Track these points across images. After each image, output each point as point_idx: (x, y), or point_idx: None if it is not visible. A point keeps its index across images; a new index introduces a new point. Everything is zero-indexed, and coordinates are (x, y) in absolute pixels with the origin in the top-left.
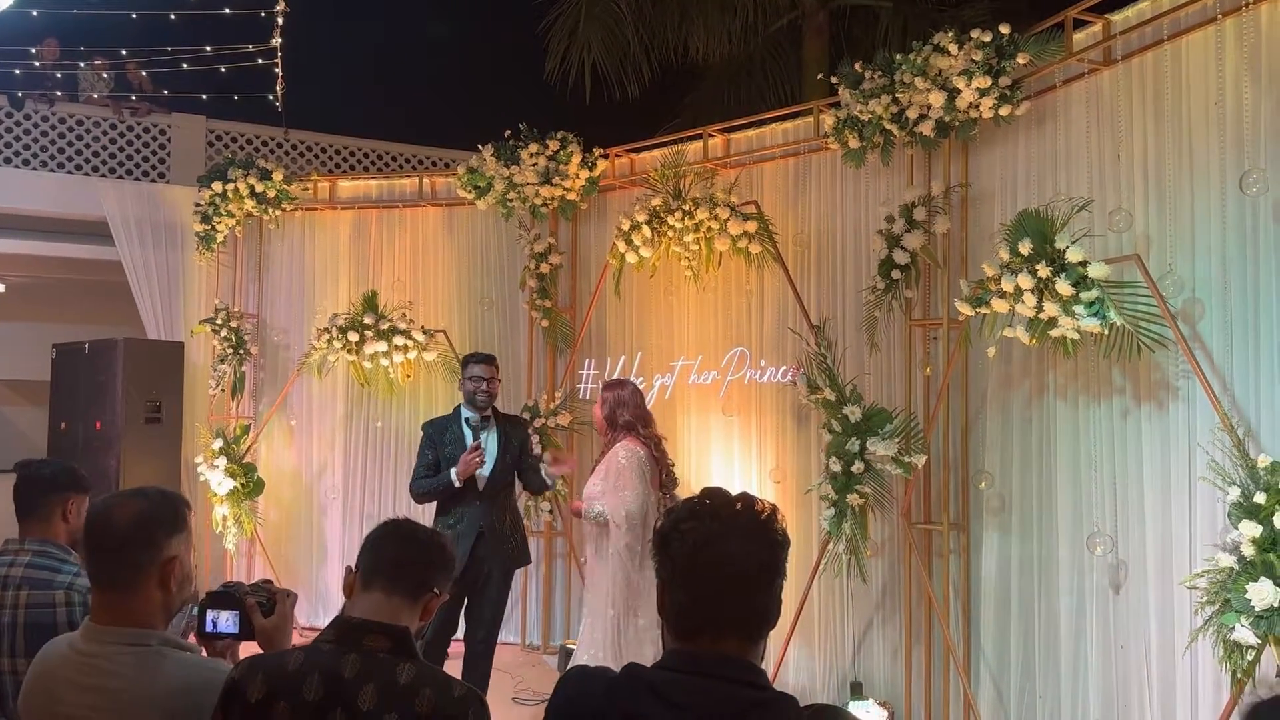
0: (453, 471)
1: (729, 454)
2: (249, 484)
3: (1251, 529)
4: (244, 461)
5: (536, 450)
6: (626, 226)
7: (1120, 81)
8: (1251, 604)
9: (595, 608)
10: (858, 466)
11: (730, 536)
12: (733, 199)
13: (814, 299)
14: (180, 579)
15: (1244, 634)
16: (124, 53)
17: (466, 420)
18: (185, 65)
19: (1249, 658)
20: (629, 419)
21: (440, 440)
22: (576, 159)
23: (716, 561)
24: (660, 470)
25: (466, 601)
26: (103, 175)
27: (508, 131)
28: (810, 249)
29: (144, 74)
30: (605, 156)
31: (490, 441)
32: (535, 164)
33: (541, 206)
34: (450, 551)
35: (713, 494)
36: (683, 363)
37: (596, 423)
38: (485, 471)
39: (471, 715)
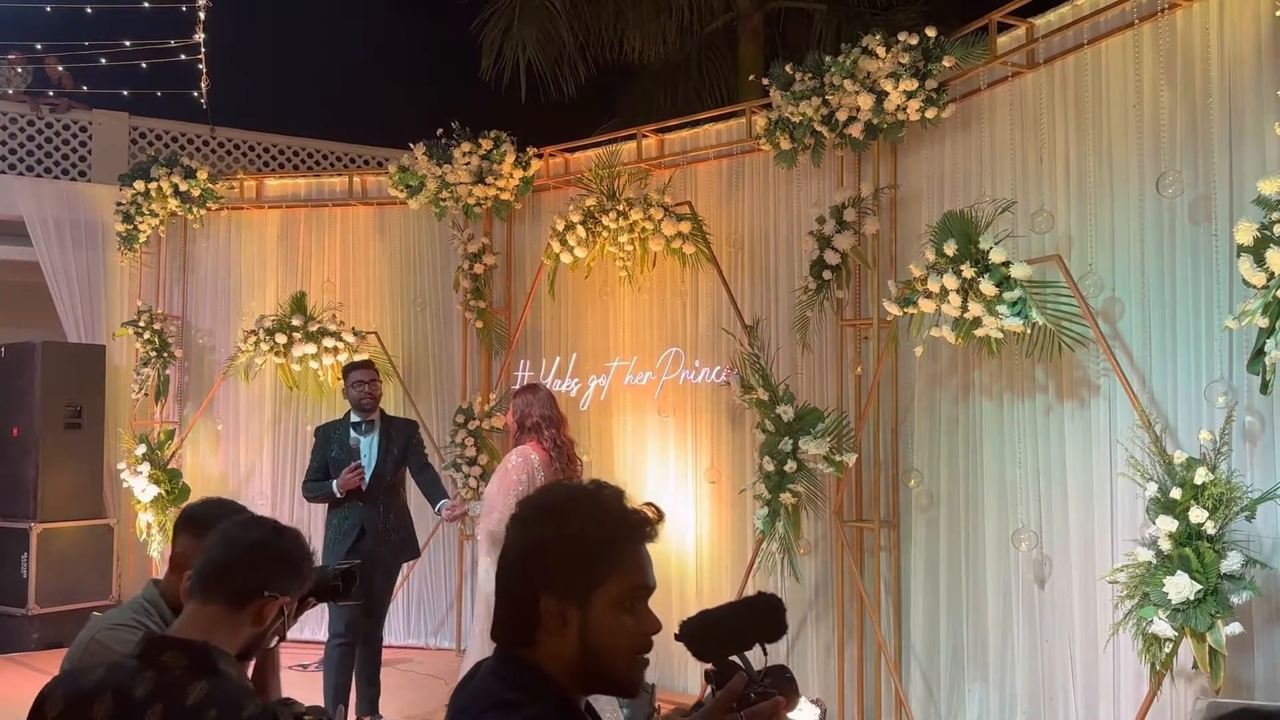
0: (334, 484)
1: (664, 454)
2: (174, 490)
3: (1168, 524)
4: (168, 467)
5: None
6: (561, 227)
7: (1042, 85)
8: (1169, 597)
9: (475, 622)
10: (790, 466)
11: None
12: (666, 199)
13: (747, 299)
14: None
15: (1162, 627)
16: (39, 47)
17: (354, 425)
18: (105, 60)
19: (1167, 650)
20: (536, 420)
21: (328, 446)
22: (510, 158)
23: None
24: (560, 475)
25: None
26: (20, 173)
27: (440, 130)
28: (743, 250)
29: (62, 69)
30: (539, 156)
31: (370, 445)
32: (468, 163)
33: (475, 206)
34: (294, 549)
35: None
36: (618, 363)
37: (509, 429)
38: (366, 473)
39: None
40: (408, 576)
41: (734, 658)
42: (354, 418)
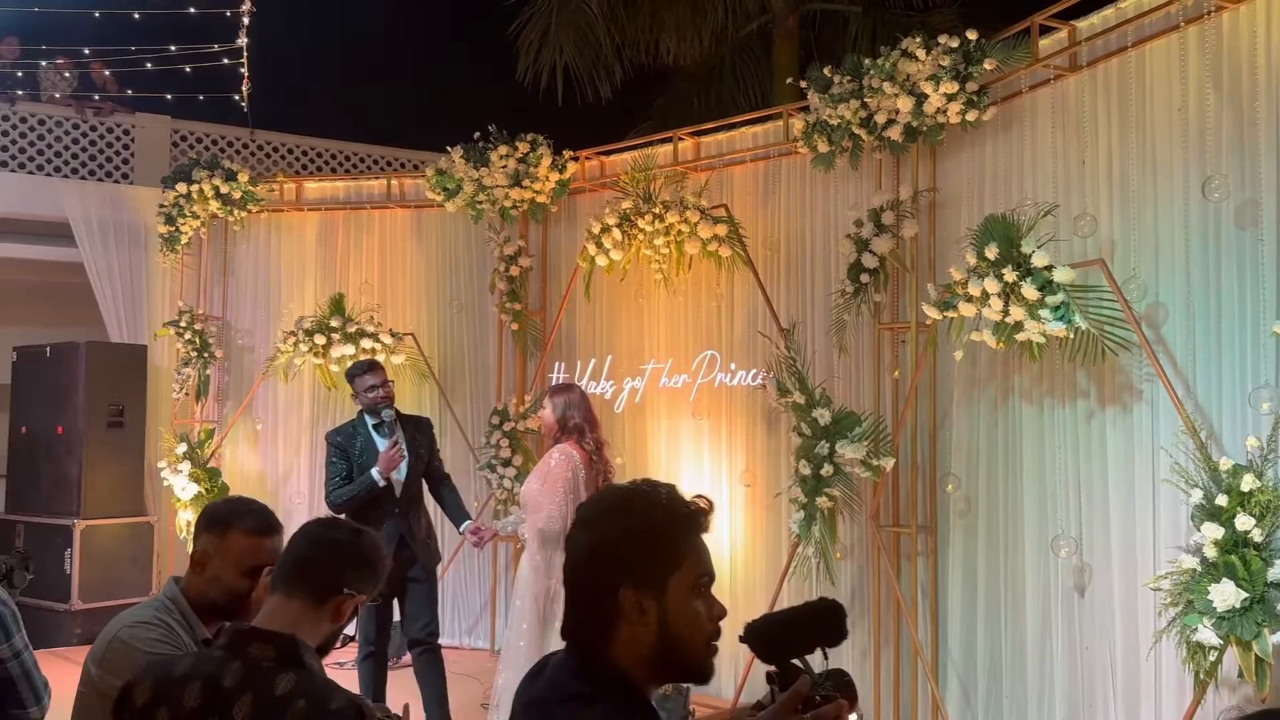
0: (374, 471)
1: (699, 457)
2: (213, 489)
3: (1214, 531)
4: (208, 466)
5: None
6: (597, 229)
7: (1085, 87)
8: (1214, 605)
9: (514, 620)
10: (827, 469)
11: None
12: (702, 202)
13: (783, 302)
14: (208, 573)
15: (1206, 635)
16: (87, 51)
17: (374, 427)
18: (149, 65)
19: (1211, 658)
20: (579, 422)
21: (351, 448)
22: (546, 161)
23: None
24: (597, 476)
25: (402, 608)
26: (65, 176)
27: (477, 133)
28: (780, 252)
29: (107, 73)
30: (575, 159)
31: (401, 445)
32: (505, 166)
33: (511, 209)
34: (372, 550)
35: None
36: (653, 366)
37: (545, 425)
38: (399, 475)
39: None
40: (442, 578)
41: (795, 660)
42: (371, 420)
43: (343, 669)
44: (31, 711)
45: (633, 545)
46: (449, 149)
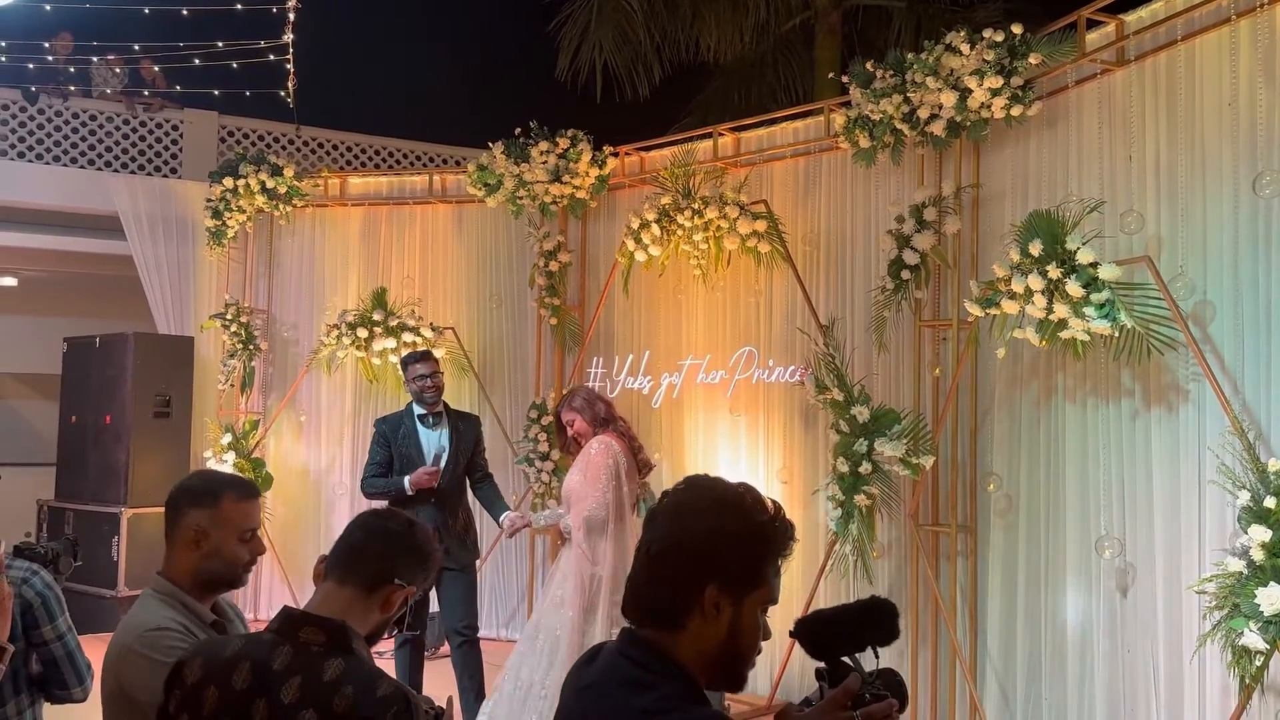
0: (407, 480)
1: (736, 454)
2: (257, 479)
3: (1261, 533)
4: (253, 456)
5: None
6: (636, 225)
7: (1133, 82)
8: (1261, 609)
9: (550, 606)
10: (865, 467)
11: (649, 523)
12: (742, 198)
13: (823, 299)
14: (206, 548)
15: (1253, 639)
16: (137, 48)
17: (420, 417)
18: (198, 61)
19: (1258, 663)
20: (606, 413)
21: (394, 437)
22: (586, 157)
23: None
24: (639, 465)
25: (439, 598)
26: (115, 170)
27: (518, 129)
28: (819, 249)
29: (157, 69)
30: (615, 155)
31: (443, 439)
32: (545, 162)
33: (551, 204)
34: (424, 543)
35: (685, 481)
36: (691, 362)
37: (580, 433)
38: (439, 466)
39: (391, 717)
40: (480, 570)
41: (845, 658)
42: (418, 410)
43: (382, 658)
44: (74, 692)
45: (737, 549)
46: (490, 145)
